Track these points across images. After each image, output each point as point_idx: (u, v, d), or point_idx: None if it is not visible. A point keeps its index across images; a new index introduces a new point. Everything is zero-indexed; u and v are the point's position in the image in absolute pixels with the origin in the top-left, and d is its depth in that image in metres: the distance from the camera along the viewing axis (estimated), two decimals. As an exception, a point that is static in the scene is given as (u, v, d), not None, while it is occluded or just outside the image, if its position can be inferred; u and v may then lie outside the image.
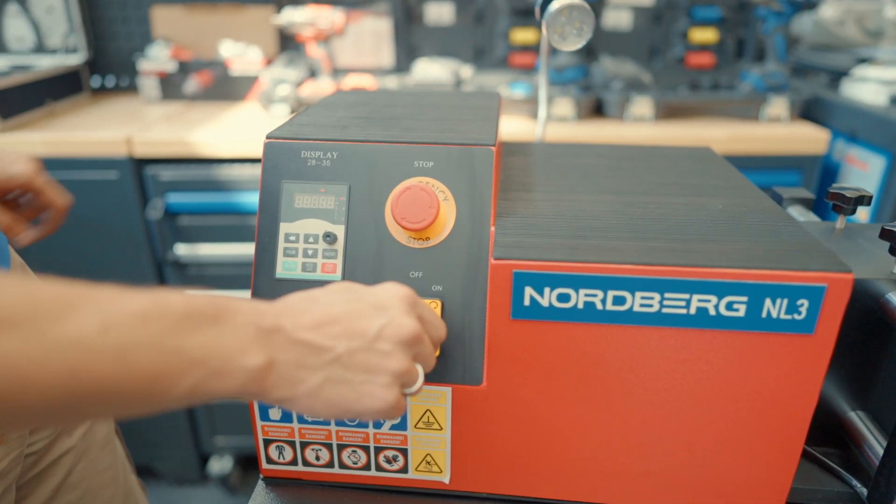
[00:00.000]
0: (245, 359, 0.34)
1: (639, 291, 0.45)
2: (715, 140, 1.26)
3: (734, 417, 0.48)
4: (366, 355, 0.38)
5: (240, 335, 0.34)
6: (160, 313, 0.32)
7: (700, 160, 0.69)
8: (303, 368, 0.36)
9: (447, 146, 0.52)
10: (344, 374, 0.37)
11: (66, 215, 0.74)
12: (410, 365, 0.40)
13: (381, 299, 0.40)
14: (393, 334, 0.39)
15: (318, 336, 0.37)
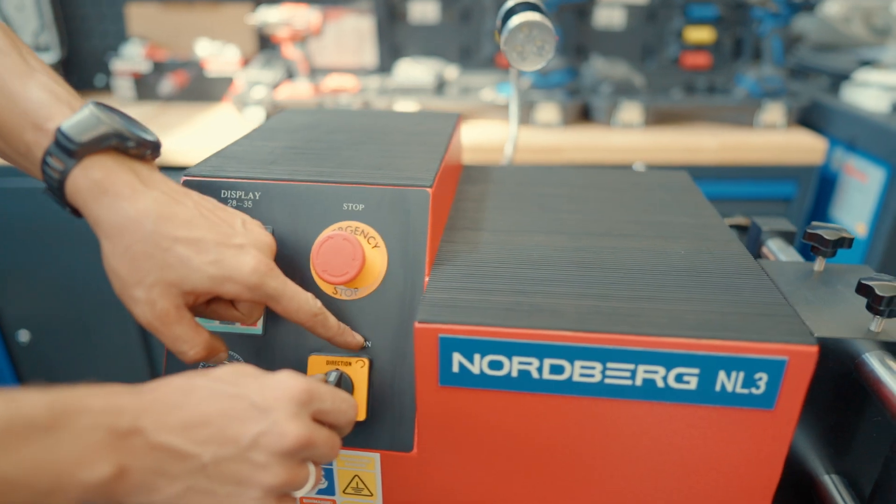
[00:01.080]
0: (85, 472, 0.29)
1: (578, 360, 0.40)
2: (705, 148, 1.21)
3: (685, 494, 0.43)
4: (236, 465, 0.33)
5: (82, 443, 0.29)
6: None
7: (672, 190, 0.64)
8: (161, 476, 0.32)
9: (379, 187, 0.47)
10: (208, 485, 0.33)
11: (329, 319, 0.44)
12: (293, 474, 0.35)
13: (267, 398, 0.35)
14: (271, 443, 0.34)
15: (182, 440, 0.32)
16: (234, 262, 0.40)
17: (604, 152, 1.22)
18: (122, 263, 0.39)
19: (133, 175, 0.40)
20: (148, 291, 0.39)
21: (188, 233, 0.40)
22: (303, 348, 0.46)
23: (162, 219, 0.39)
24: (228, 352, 0.47)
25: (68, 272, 1.34)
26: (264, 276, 0.41)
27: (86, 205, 0.39)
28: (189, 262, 0.40)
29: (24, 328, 1.40)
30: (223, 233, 0.41)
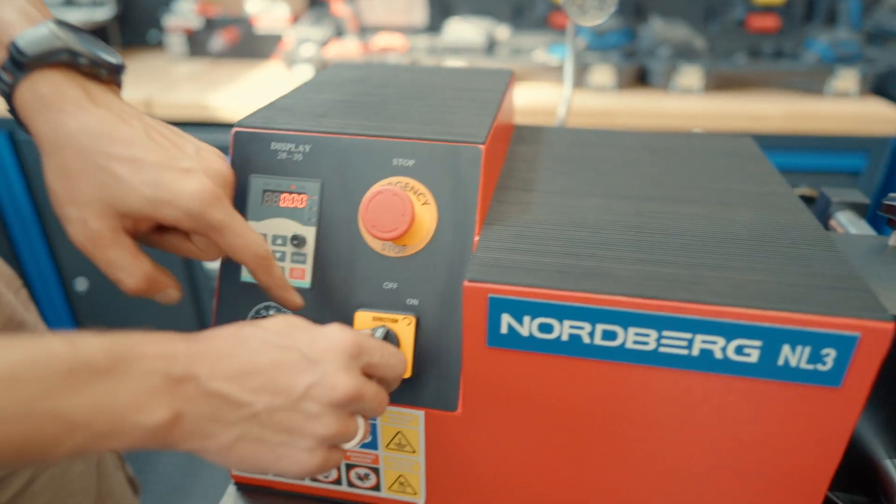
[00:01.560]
0: (143, 415, 0.30)
1: (633, 327, 0.39)
2: (770, 116, 1.15)
3: (738, 469, 0.42)
4: (288, 415, 0.33)
5: (139, 387, 0.30)
6: (35, 373, 0.28)
7: (736, 156, 0.60)
8: (214, 422, 0.32)
9: (430, 142, 0.46)
10: (261, 433, 0.33)
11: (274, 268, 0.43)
12: (343, 426, 0.35)
13: (317, 350, 0.35)
14: (322, 395, 0.34)
15: (236, 388, 0.32)
16: (174, 185, 0.38)
17: (660, 118, 1.17)
18: (58, 180, 0.38)
19: (82, 92, 0.38)
20: (80, 210, 0.38)
21: (128, 152, 0.38)
22: (349, 304, 0.46)
23: (102, 136, 0.38)
24: (181, 289, 0.44)
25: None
26: (208, 203, 0.39)
27: (30, 119, 0.38)
28: (124, 181, 0.38)
29: (81, 276, 1.45)
30: (169, 156, 0.39)
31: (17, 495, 0.61)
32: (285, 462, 0.34)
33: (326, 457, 0.35)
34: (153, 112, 1.25)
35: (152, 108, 1.24)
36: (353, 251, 0.46)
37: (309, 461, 0.34)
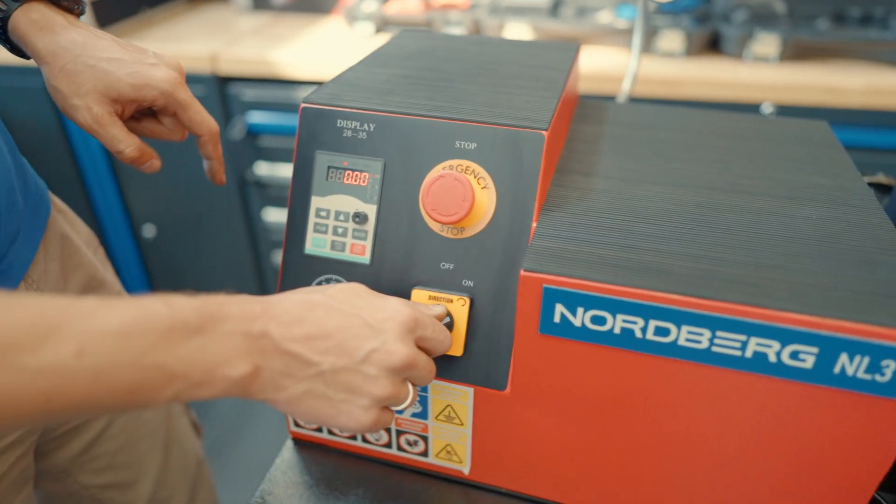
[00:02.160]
0: (229, 368, 0.34)
1: (686, 325, 0.39)
2: (849, 90, 1.08)
3: (783, 468, 0.42)
4: (350, 375, 0.37)
5: (226, 344, 0.34)
6: (141, 330, 0.31)
7: (807, 143, 0.58)
8: (286, 377, 0.36)
9: (493, 126, 0.46)
10: (325, 390, 0.37)
11: (219, 145, 0.59)
12: (397, 390, 0.39)
13: (378, 319, 0.39)
14: (381, 360, 0.38)
15: (306, 349, 0.36)
16: (149, 73, 0.52)
17: (729, 88, 1.12)
18: (61, 80, 0.51)
19: (62, 18, 0.52)
20: (84, 99, 0.51)
21: (109, 55, 0.52)
22: (407, 281, 0.48)
23: (87, 46, 0.51)
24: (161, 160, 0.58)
25: (189, 173, 1.43)
26: (176, 84, 0.53)
27: (25, 38, 0.51)
28: (113, 74, 0.51)
29: (149, 223, 1.53)
30: (138, 56, 0.53)
31: (97, 437, 0.67)
32: (344, 417, 0.38)
33: (379, 416, 0.39)
34: (218, 68, 1.28)
35: (217, 63, 1.27)
36: (412, 230, 0.48)
37: (364, 418, 0.38)
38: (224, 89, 1.31)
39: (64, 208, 0.66)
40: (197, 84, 1.30)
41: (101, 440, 0.67)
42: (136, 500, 0.71)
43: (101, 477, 0.69)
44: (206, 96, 1.31)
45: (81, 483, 0.68)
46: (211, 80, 1.29)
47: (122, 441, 0.69)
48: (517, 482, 0.52)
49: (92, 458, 0.67)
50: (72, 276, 0.61)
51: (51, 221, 0.60)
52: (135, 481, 0.71)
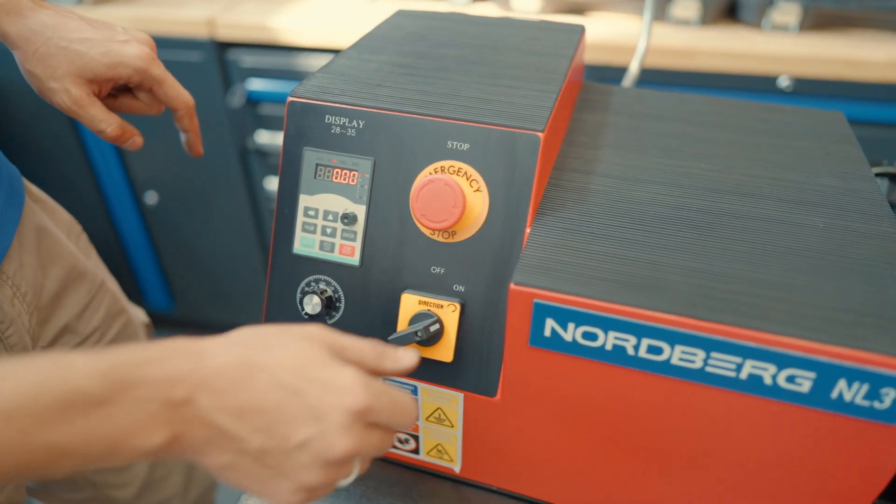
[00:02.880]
0: (141, 439, 0.30)
1: (680, 345, 0.38)
2: (870, 63, 1.03)
3: (774, 490, 0.41)
4: (280, 458, 0.33)
5: (138, 414, 0.30)
6: (27, 409, 0.28)
7: (821, 137, 0.55)
8: (210, 446, 0.33)
9: (486, 126, 0.44)
10: (251, 466, 0.33)
11: (195, 118, 0.60)
12: (330, 478, 0.34)
13: (325, 403, 0.34)
14: (317, 450, 0.33)
15: (234, 424, 0.32)
16: (121, 50, 0.53)
17: (745, 60, 1.07)
18: (35, 64, 0.51)
19: (28, 1, 0.52)
20: (60, 81, 0.51)
21: (80, 35, 0.52)
22: (397, 284, 0.47)
23: (57, 27, 0.51)
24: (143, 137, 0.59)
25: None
26: (150, 60, 0.54)
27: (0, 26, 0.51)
28: (86, 55, 0.51)
29: (151, 190, 1.52)
30: (108, 34, 0.53)
31: None
32: (268, 494, 0.34)
33: (310, 496, 0.35)
34: (216, 33, 1.24)
35: (215, 28, 1.23)
36: (402, 233, 0.46)
37: (292, 498, 0.35)
38: (223, 55, 1.28)
39: (42, 197, 0.64)
40: (194, 50, 1.26)
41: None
42: (131, 480, 0.72)
43: None
44: (203, 62, 1.27)
45: None
46: (209, 45, 1.25)
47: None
48: (507, 481, 0.52)
49: None
50: (50, 269, 0.60)
51: (27, 212, 0.58)
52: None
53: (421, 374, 0.47)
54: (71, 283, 0.62)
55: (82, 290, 0.63)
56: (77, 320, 0.62)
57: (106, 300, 0.66)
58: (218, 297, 1.70)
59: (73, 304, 0.61)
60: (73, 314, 0.61)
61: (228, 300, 1.70)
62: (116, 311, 0.68)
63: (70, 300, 0.61)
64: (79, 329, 0.62)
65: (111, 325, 0.66)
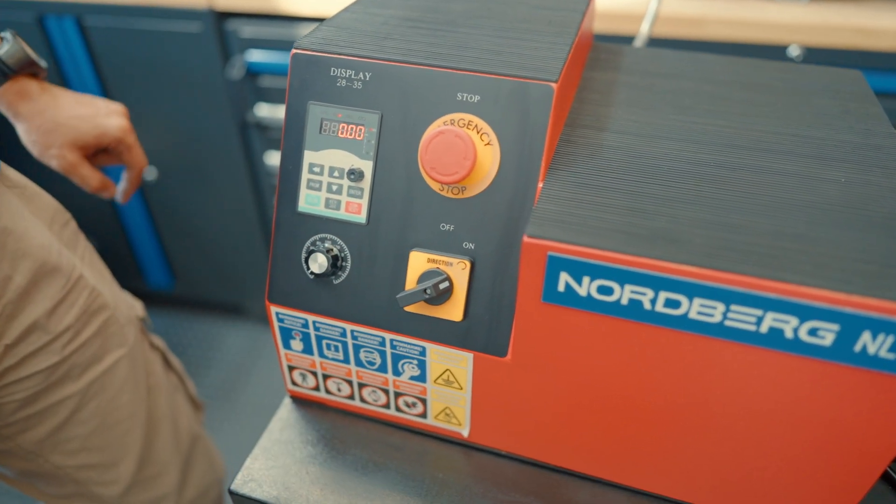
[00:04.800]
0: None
1: (698, 298, 0.36)
2: (883, 32, 1.01)
3: (794, 444, 0.41)
4: None
5: None
6: None
7: (839, 95, 0.54)
8: None
9: (497, 77, 0.42)
10: None
11: (140, 178, 0.76)
12: None
13: None
14: None
15: None
16: (106, 123, 0.69)
17: (755, 29, 1.05)
18: (38, 136, 0.67)
19: (37, 86, 0.67)
20: (59, 150, 0.67)
21: (73, 113, 0.68)
22: (405, 242, 0.45)
23: (56, 107, 0.67)
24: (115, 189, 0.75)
25: (190, 118, 1.39)
26: (126, 131, 0.71)
27: (11, 105, 0.65)
28: (79, 129, 0.67)
29: (151, 166, 1.50)
30: (95, 110, 0.69)
31: (64, 422, 0.65)
32: None
33: None
34: (215, 2, 1.22)
35: (214, -3, 1.21)
36: (410, 189, 0.45)
37: None
38: (222, 26, 1.25)
39: (21, 183, 0.62)
40: (193, 20, 1.24)
41: (69, 424, 0.65)
42: (117, 479, 0.70)
43: (75, 458, 0.67)
44: (202, 33, 1.25)
45: (54, 463, 0.66)
46: (207, 15, 1.23)
47: (94, 425, 0.67)
48: (517, 445, 0.51)
49: (62, 441, 0.65)
50: (18, 265, 0.57)
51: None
52: (115, 462, 0.70)
53: (430, 335, 0.46)
54: (42, 278, 0.59)
55: (55, 286, 0.60)
56: (48, 318, 0.59)
57: (83, 297, 0.63)
58: (218, 274, 1.69)
59: (43, 299, 0.59)
60: (43, 311, 0.59)
61: (229, 277, 1.69)
62: (95, 309, 0.65)
63: (41, 295, 0.59)
64: (49, 327, 0.60)
65: (87, 323, 0.64)
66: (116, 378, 0.68)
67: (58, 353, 0.61)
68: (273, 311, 0.51)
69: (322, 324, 0.49)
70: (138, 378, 0.71)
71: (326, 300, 0.48)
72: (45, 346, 0.60)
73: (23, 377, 0.59)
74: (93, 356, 0.65)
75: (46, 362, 0.60)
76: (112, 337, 0.67)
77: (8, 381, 0.59)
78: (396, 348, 0.48)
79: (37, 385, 0.61)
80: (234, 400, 1.64)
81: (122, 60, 1.35)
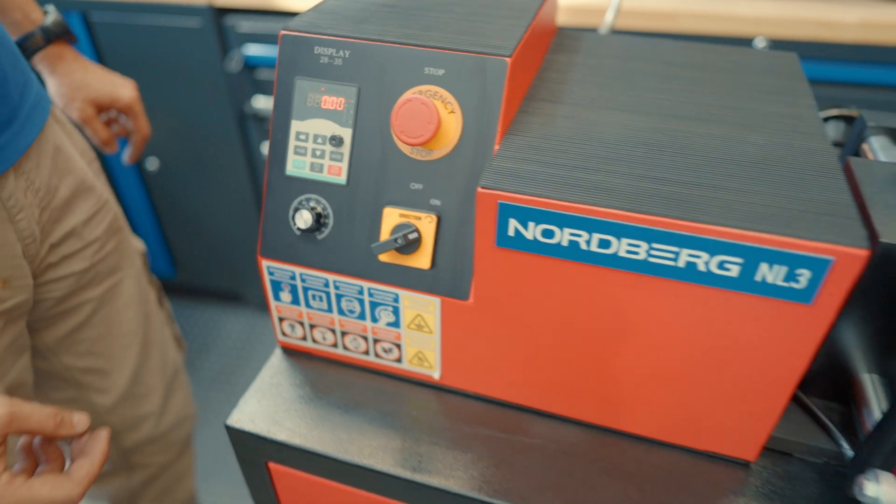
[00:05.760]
0: None
1: (625, 238, 0.43)
2: (843, 24, 1.08)
3: (713, 369, 0.47)
4: None
5: None
6: None
7: (773, 74, 0.60)
8: None
9: (459, 53, 0.49)
10: None
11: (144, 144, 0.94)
12: None
13: None
14: None
15: None
16: (122, 89, 0.88)
17: (723, 22, 1.11)
18: (68, 90, 0.84)
19: (71, 52, 0.85)
20: (81, 103, 0.85)
21: (97, 77, 0.86)
22: (380, 200, 0.52)
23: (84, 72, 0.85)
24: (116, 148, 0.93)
25: (190, 109, 1.46)
26: (136, 99, 0.90)
27: (51, 62, 0.82)
28: (100, 90, 0.86)
29: (152, 156, 1.56)
30: (113, 80, 0.88)
31: (81, 324, 0.78)
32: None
33: None
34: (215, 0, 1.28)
35: (214, -6, 1.27)
36: (384, 153, 0.51)
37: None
38: (220, 21, 1.32)
39: (63, 120, 0.76)
40: (192, 16, 1.30)
41: (84, 326, 0.78)
42: (112, 387, 0.82)
43: (83, 360, 0.79)
44: (202, 28, 1.31)
45: (65, 363, 0.78)
46: (206, 10, 1.29)
47: (102, 330, 0.79)
48: (482, 386, 0.57)
49: (76, 342, 0.78)
50: (63, 179, 0.70)
51: (48, 129, 0.69)
52: (111, 370, 0.82)
53: (401, 281, 0.52)
54: (80, 193, 0.73)
55: (90, 202, 0.74)
56: (83, 227, 0.74)
57: (109, 216, 0.78)
58: (218, 264, 1.76)
59: (80, 211, 0.73)
60: (80, 220, 0.73)
61: (228, 266, 1.75)
62: (116, 228, 0.80)
63: (79, 208, 0.73)
64: (84, 234, 0.74)
65: (110, 239, 0.79)
66: (125, 292, 0.82)
67: (88, 259, 0.75)
68: (264, 265, 0.57)
69: (308, 275, 0.56)
70: (141, 299, 0.85)
71: (311, 254, 0.55)
72: (79, 251, 0.73)
73: (60, 276, 0.72)
74: (111, 268, 0.79)
75: (80, 266, 0.74)
76: (126, 256, 0.82)
77: (50, 279, 0.71)
78: (373, 296, 0.54)
79: (70, 286, 0.74)
80: (234, 383, 1.70)
81: (126, 54, 1.42)
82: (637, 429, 0.54)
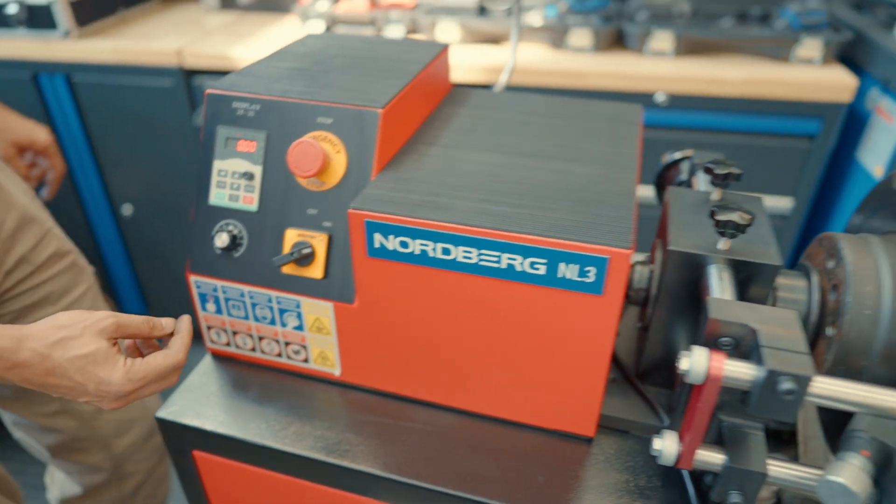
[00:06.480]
0: None
1: (461, 246, 0.55)
2: (729, 81, 1.24)
3: (542, 355, 0.58)
4: (81, 401, 0.59)
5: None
6: None
7: (615, 121, 0.74)
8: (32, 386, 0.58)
9: (343, 106, 0.62)
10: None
11: (59, 183, 1.08)
12: (125, 404, 0.60)
13: (100, 392, 0.57)
14: (100, 406, 0.59)
15: (40, 389, 0.57)
16: (38, 133, 1.06)
17: (630, 80, 1.27)
18: None
19: None
20: (3, 143, 1.01)
21: (15, 124, 1.04)
22: (283, 223, 0.64)
23: (3, 118, 1.04)
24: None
25: (163, 158, 1.59)
26: (52, 142, 1.07)
27: None
28: (19, 133, 1.04)
29: (127, 202, 1.69)
30: (31, 124, 1.06)
31: None
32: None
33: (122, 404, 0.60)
34: (184, 62, 1.43)
35: (183, 57, 1.43)
36: (287, 185, 0.63)
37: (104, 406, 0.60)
38: (190, 81, 1.47)
39: (0, 164, 0.92)
40: (165, 77, 1.45)
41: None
42: None
43: None
44: (173, 87, 1.46)
45: None
46: (177, 72, 1.44)
47: None
48: (375, 380, 0.68)
49: None
50: (8, 213, 0.85)
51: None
52: None
53: (301, 289, 0.64)
54: (24, 224, 0.87)
55: (34, 231, 0.89)
56: (31, 252, 0.88)
57: (54, 241, 0.92)
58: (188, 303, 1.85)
59: (27, 239, 0.87)
60: (27, 248, 0.87)
61: (197, 305, 1.85)
62: (64, 252, 0.94)
63: (24, 237, 0.87)
64: (33, 259, 0.87)
65: (59, 260, 0.92)
66: (85, 305, 0.94)
67: (40, 278, 0.88)
68: (192, 280, 0.68)
69: (227, 287, 0.67)
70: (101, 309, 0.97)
71: (230, 269, 0.66)
72: (31, 275, 0.87)
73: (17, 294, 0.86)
74: (66, 286, 0.92)
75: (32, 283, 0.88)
76: (79, 274, 0.95)
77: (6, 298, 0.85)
78: (280, 303, 0.66)
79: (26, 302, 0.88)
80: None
81: (105, 111, 1.56)
82: (495, 412, 0.64)
